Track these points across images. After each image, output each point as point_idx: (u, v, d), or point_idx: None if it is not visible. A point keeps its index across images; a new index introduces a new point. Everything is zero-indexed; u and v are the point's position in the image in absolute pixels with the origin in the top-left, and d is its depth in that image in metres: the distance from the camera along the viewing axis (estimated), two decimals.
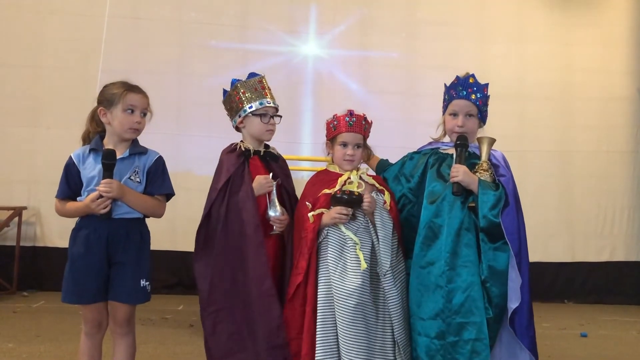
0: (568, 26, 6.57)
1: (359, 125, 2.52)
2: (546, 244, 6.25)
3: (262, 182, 2.47)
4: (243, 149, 2.56)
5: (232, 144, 2.61)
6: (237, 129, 2.64)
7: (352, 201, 2.39)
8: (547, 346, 4.27)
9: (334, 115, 2.58)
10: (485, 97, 2.51)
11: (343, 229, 2.43)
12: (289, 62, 6.30)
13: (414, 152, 2.64)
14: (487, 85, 2.51)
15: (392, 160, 2.74)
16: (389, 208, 2.45)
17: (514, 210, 2.38)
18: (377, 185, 2.54)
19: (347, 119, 2.53)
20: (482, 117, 2.54)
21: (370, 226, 2.44)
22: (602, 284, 6.28)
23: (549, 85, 6.47)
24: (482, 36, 6.49)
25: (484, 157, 2.42)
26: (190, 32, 6.18)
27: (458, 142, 2.44)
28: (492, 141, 2.44)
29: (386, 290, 2.38)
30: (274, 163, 2.61)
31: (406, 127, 5.42)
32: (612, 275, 6.30)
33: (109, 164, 2.35)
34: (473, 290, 2.31)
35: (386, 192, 2.52)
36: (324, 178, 2.60)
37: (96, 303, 2.41)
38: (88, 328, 2.44)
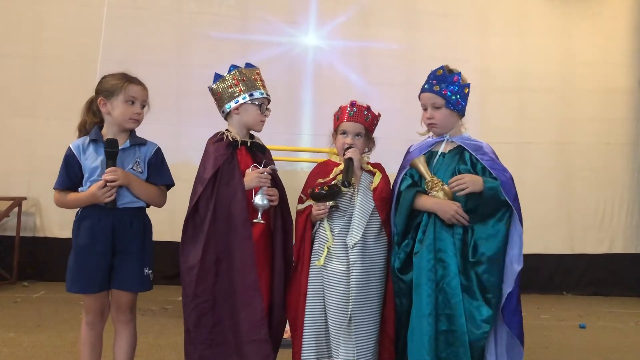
0: (569, 18, 6.55)
1: (360, 115, 2.53)
2: (545, 236, 6.26)
3: (255, 176, 2.44)
4: (231, 139, 2.52)
5: (218, 133, 2.56)
6: (227, 115, 2.57)
7: (327, 195, 2.42)
8: (545, 337, 4.29)
9: (339, 107, 2.60)
10: (454, 86, 2.46)
11: (325, 223, 2.47)
12: (289, 53, 6.28)
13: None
14: (456, 74, 2.47)
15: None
16: (372, 187, 2.46)
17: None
18: (372, 168, 2.54)
19: (349, 109, 2.55)
20: (453, 107, 2.47)
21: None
22: (601, 276, 6.30)
23: (550, 77, 6.46)
24: (482, 28, 6.47)
25: (428, 176, 2.43)
26: (190, 22, 6.16)
27: (347, 158, 2.47)
28: (423, 160, 2.45)
29: (351, 263, 2.38)
30: (261, 154, 2.58)
31: (406, 119, 5.40)
32: (610, 267, 6.31)
33: (111, 152, 2.36)
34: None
35: (377, 173, 2.51)
36: (323, 169, 2.62)
37: (100, 292, 2.43)
38: (90, 317, 2.45)
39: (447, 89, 2.45)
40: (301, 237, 2.51)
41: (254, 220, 2.42)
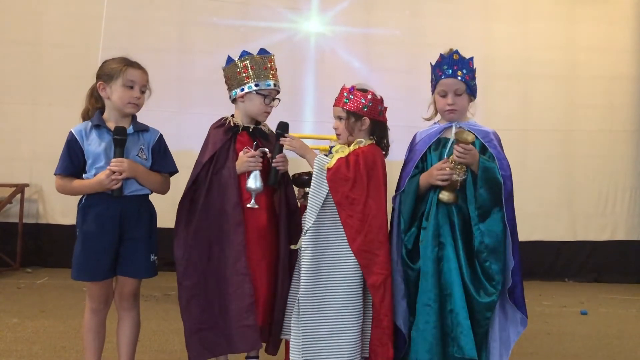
0: (572, 4, 6.50)
1: (340, 97, 2.52)
2: (548, 222, 6.27)
3: (244, 160, 2.44)
4: (232, 124, 2.53)
5: (221, 119, 2.57)
6: (233, 100, 2.59)
7: (307, 182, 2.45)
8: (547, 324, 4.30)
9: None
10: (472, 71, 2.47)
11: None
12: (291, 39, 6.24)
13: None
14: (471, 59, 2.47)
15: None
16: (327, 167, 2.38)
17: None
18: (344, 153, 2.45)
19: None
20: (472, 92, 2.50)
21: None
22: (603, 263, 6.31)
23: (553, 63, 6.41)
24: (486, 14, 6.43)
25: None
26: (192, 9, 6.12)
27: (279, 131, 2.50)
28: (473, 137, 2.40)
29: (303, 248, 2.35)
30: (263, 140, 2.56)
31: (409, 106, 5.37)
32: (612, 254, 6.32)
33: (120, 139, 2.36)
34: None
35: (334, 154, 2.45)
36: None
37: (106, 279, 2.44)
38: (95, 304, 2.46)
39: (467, 74, 2.45)
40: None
41: (248, 205, 2.43)
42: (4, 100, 5.86)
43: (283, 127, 2.51)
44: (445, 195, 2.36)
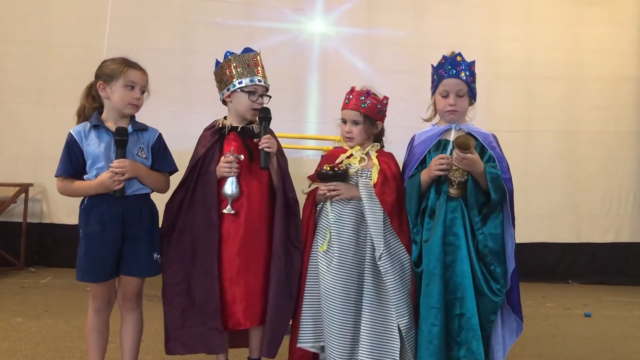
0: (577, 5, 6.47)
1: (356, 101, 2.51)
2: (551, 224, 6.25)
3: (219, 166, 2.45)
4: (220, 126, 2.55)
5: (214, 121, 2.59)
6: (224, 102, 2.60)
7: (333, 176, 2.42)
8: (551, 326, 4.29)
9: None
10: (474, 75, 2.50)
11: (328, 206, 2.46)
12: (295, 40, 6.23)
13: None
14: (474, 62, 2.49)
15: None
16: (372, 183, 2.42)
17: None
18: (377, 164, 2.49)
19: (347, 96, 2.55)
20: (473, 95, 2.52)
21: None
22: (607, 265, 6.28)
23: (557, 65, 6.39)
24: (490, 15, 6.41)
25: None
26: (196, 9, 6.12)
27: (261, 116, 2.49)
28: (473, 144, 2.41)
29: (382, 274, 2.36)
30: (250, 139, 2.53)
31: (413, 107, 5.34)
32: (616, 256, 6.29)
33: (121, 140, 2.36)
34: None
35: (374, 167, 2.47)
36: (334, 153, 2.63)
37: (110, 280, 2.44)
38: (98, 304, 2.46)
39: (469, 76, 2.47)
40: (307, 221, 2.53)
41: (224, 211, 2.44)
42: (9, 100, 5.87)
43: (265, 111, 2.50)
44: (450, 191, 2.40)
